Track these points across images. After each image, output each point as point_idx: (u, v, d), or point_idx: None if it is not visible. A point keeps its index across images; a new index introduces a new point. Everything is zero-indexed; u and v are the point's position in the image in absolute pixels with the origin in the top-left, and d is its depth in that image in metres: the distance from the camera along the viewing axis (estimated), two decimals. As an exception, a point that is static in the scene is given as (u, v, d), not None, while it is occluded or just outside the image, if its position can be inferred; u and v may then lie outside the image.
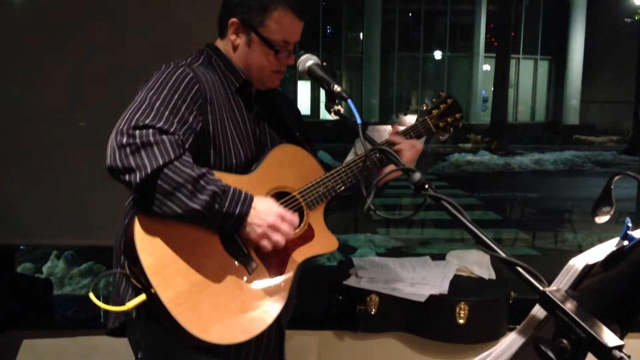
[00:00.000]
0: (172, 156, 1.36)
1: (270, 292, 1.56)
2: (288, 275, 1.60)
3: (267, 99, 1.77)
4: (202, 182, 1.38)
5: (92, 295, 1.42)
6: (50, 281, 2.95)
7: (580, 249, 6.99)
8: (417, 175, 1.18)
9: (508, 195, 11.34)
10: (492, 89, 20.56)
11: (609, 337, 0.85)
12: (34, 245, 5.18)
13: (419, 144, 1.81)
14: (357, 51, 26.03)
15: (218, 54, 1.66)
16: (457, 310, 2.27)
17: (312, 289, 2.53)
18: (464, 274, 2.52)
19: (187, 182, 1.37)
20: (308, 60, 1.60)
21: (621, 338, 1.11)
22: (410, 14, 26.64)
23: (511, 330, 2.37)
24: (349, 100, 1.44)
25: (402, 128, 1.86)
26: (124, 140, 1.35)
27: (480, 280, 2.47)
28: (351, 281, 2.43)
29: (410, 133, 1.86)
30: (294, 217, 1.52)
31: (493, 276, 2.50)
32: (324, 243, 1.68)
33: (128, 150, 1.35)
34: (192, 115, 1.47)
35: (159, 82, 1.48)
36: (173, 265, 1.43)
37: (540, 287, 0.93)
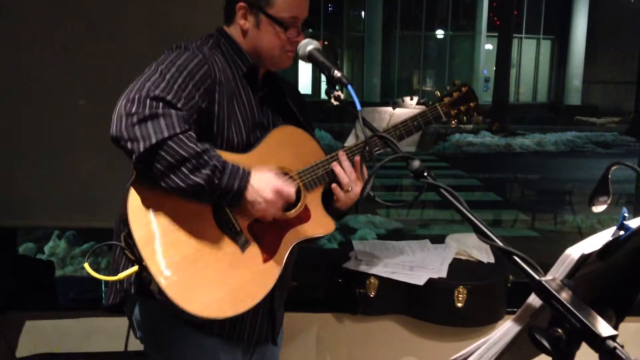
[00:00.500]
0: (178, 130, 1.38)
1: (261, 271, 1.56)
2: (280, 255, 1.60)
3: (273, 84, 1.78)
4: (205, 157, 1.40)
5: (87, 265, 1.44)
6: (52, 262, 2.97)
7: (579, 231, 7.04)
8: (417, 163, 1.18)
9: (509, 176, 11.34)
10: (494, 68, 20.45)
11: (603, 327, 0.86)
12: (35, 227, 5.20)
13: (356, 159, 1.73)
14: (358, 30, 25.85)
15: (227, 39, 1.67)
16: (456, 293, 2.29)
17: (311, 271, 2.55)
18: (463, 257, 2.54)
19: (191, 156, 1.38)
20: (308, 45, 1.59)
21: (617, 324, 1.13)
22: (412, -7, 26.40)
23: (509, 314, 2.40)
24: (349, 86, 1.44)
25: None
26: (133, 108, 1.36)
27: (479, 264, 2.49)
28: (351, 264, 2.44)
29: (418, 120, 1.83)
30: (290, 190, 1.52)
31: (492, 260, 2.51)
32: (320, 225, 1.68)
33: (135, 118, 1.36)
34: (199, 94, 1.49)
35: (170, 58, 1.50)
36: (164, 238, 1.45)
37: (537, 277, 0.94)
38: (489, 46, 25.11)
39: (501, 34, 20.16)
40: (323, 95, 1.65)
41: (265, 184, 1.49)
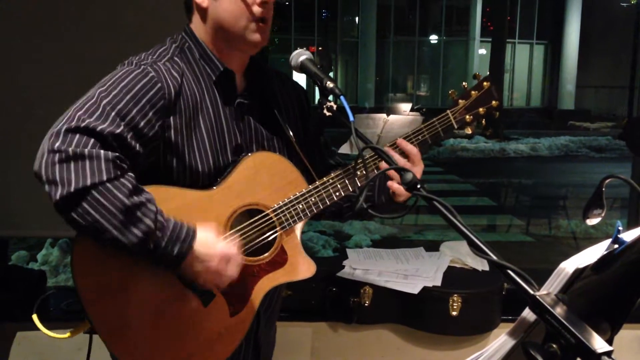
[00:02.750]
0: (105, 177, 1.19)
1: (227, 327, 1.39)
2: (251, 306, 1.42)
3: (260, 87, 1.55)
4: (138, 213, 1.21)
5: (35, 317, 1.37)
6: (44, 272, 2.95)
7: (574, 236, 7.04)
8: (410, 175, 1.17)
9: (503, 181, 11.36)
10: (488, 73, 20.50)
11: (598, 343, 0.85)
12: (27, 237, 5.17)
13: (418, 153, 1.53)
14: (352, 35, 25.91)
15: (193, 40, 1.46)
16: (450, 302, 2.29)
17: (306, 280, 2.53)
18: (457, 265, 2.53)
19: (119, 210, 1.19)
20: (301, 56, 1.48)
21: (612, 337, 1.12)
22: (405, -2, 26.50)
23: (504, 322, 2.40)
24: (342, 97, 1.41)
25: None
26: (56, 144, 1.19)
27: (473, 272, 2.49)
28: (345, 273, 2.44)
29: (424, 132, 1.57)
30: (238, 258, 1.34)
31: (486, 268, 2.51)
32: (297, 269, 1.48)
33: (57, 157, 1.18)
34: (145, 120, 1.29)
35: (112, 79, 1.32)
36: (113, 294, 1.29)
37: (531, 291, 0.93)
38: (482, 51, 25.22)
39: (495, 39, 20.24)
40: (317, 99, 1.53)
41: (210, 248, 1.29)
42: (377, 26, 25.23)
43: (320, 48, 25.03)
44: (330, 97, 1.44)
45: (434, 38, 26.74)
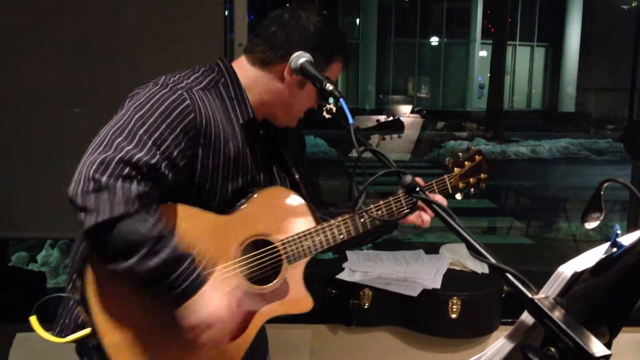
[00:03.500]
0: (132, 209, 1.24)
1: (223, 352, 1.44)
2: (248, 333, 1.48)
3: (271, 132, 1.62)
4: (157, 246, 1.26)
5: (32, 319, 1.41)
6: (43, 274, 2.95)
7: (574, 238, 7.04)
8: (409, 178, 1.17)
9: (503, 183, 11.36)
10: (489, 75, 20.54)
11: (597, 347, 0.85)
12: (27, 238, 5.17)
13: (444, 201, 1.65)
14: (353, 37, 25.91)
15: (232, 79, 1.49)
16: (450, 305, 2.29)
17: (305, 282, 2.53)
18: (457, 268, 2.53)
19: (144, 241, 1.25)
20: (300, 58, 1.46)
21: (610, 340, 1.12)
22: (406, 0, 26.52)
23: (504, 324, 2.40)
24: (342, 100, 1.41)
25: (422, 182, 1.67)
26: (93, 173, 1.23)
27: (473, 274, 2.49)
28: (345, 275, 2.44)
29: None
30: (220, 332, 1.37)
31: (486, 270, 2.51)
32: (295, 303, 1.54)
33: (92, 186, 1.22)
34: (179, 149, 1.34)
35: (149, 104, 1.35)
36: (122, 309, 1.35)
37: (529, 295, 0.93)
38: (483, 53, 25.23)
39: (495, 41, 20.27)
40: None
41: (212, 302, 1.33)
42: (377, 28, 25.24)
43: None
44: (330, 100, 1.45)
45: (434, 40, 26.76)
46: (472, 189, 1.78)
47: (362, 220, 1.59)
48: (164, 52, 2.57)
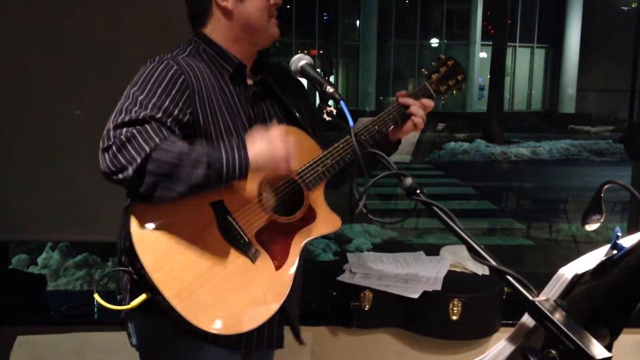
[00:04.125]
0: (157, 140, 1.36)
1: (275, 279, 1.54)
2: (292, 259, 1.58)
3: (267, 79, 1.72)
4: (194, 152, 1.37)
5: (97, 296, 1.44)
6: (43, 276, 2.95)
7: (574, 239, 7.04)
8: (409, 180, 1.17)
9: (504, 185, 11.37)
10: (489, 77, 20.53)
11: (597, 350, 0.85)
12: (28, 241, 5.17)
13: (429, 102, 1.80)
14: (353, 39, 25.93)
15: (207, 42, 1.63)
16: (451, 306, 2.28)
17: (306, 284, 2.53)
18: (457, 269, 2.53)
19: (180, 155, 1.35)
20: (301, 60, 1.56)
21: (611, 342, 1.12)
22: (406, 1, 26.52)
23: (504, 326, 2.40)
24: (342, 102, 1.43)
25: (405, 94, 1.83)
26: (108, 142, 1.36)
27: (474, 276, 2.48)
28: (345, 277, 2.43)
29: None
30: (281, 136, 1.47)
31: (487, 272, 2.50)
32: (326, 223, 1.66)
33: (115, 148, 1.35)
34: (178, 108, 1.46)
35: (142, 78, 1.48)
36: (173, 261, 1.42)
37: (530, 297, 0.93)
38: (483, 55, 25.22)
39: (495, 42, 20.24)
40: (317, 102, 1.61)
41: (262, 141, 1.44)
42: (378, 29, 25.24)
43: (321, 51, 25.07)
44: (330, 102, 1.47)
45: (434, 41, 26.76)
46: (454, 91, 1.93)
47: (363, 137, 1.69)
48: (164, 50, 2.56)
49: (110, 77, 2.52)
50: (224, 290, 1.47)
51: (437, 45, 26.71)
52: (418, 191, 1.17)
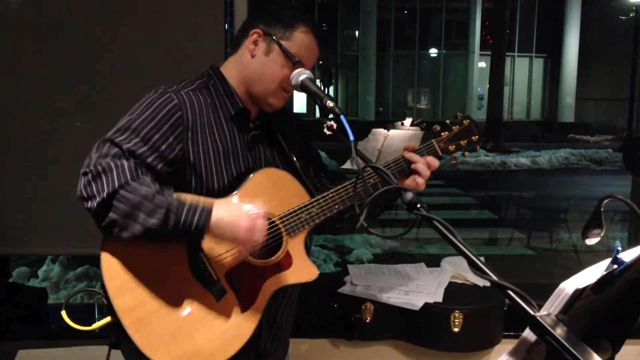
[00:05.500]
0: (128, 177, 1.38)
1: (237, 322, 1.52)
2: (259, 303, 1.55)
3: (269, 122, 1.72)
4: (158, 199, 1.39)
5: (64, 314, 1.51)
6: (44, 290, 2.95)
7: (575, 249, 7.03)
8: (409, 195, 1.18)
9: (504, 194, 11.37)
10: (488, 86, 20.60)
11: (599, 364, 0.85)
12: (28, 254, 5.17)
13: (434, 161, 1.72)
14: (352, 49, 26.05)
15: (219, 78, 1.64)
16: (452, 318, 2.28)
17: (306, 296, 2.53)
18: (458, 281, 2.53)
19: (143, 199, 1.37)
20: (301, 75, 1.56)
21: (613, 355, 1.12)
22: (405, 12, 26.66)
23: (506, 338, 2.39)
24: (342, 117, 1.43)
25: (415, 146, 1.75)
26: (87, 168, 1.40)
27: (475, 287, 2.48)
28: (346, 289, 2.43)
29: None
30: (260, 221, 1.45)
31: (488, 283, 2.50)
32: (301, 272, 1.62)
33: (90, 176, 1.39)
34: (166, 144, 1.48)
35: (140, 107, 1.51)
36: (137, 290, 1.44)
37: (531, 312, 0.93)
38: (482, 64, 25.32)
39: (494, 52, 20.33)
40: (318, 114, 1.62)
41: (231, 214, 1.44)
42: (377, 40, 25.37)
43: (320, 62, 25.14)
44: (331, 116, 1.47)
45: (433, 51, 26.87)
46: (465, 151, 1.81)
47: (354, 193, 1.62)
48: (163, 64, 2.58)
49: (111, 90, 2.55)
50: (184, 325, 1.47)
51: (435, 55, 26.82)
52: (418, 205, 1.17)
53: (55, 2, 2.60)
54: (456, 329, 2.28)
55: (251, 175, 1.59)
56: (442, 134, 1.78)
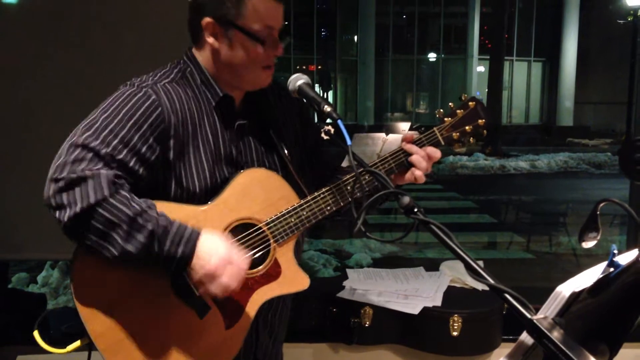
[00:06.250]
0: (107, 192, 1.25)
1: (222, 339, 1.43)
2: (246, 318, 1.45)
3: (260, 107, 1.58)
4: (139, 221, 1.26)
5: (36, 334, 1.44)
6: (43, 295, 2.95)
7: (574, 252, 7.03)
8: (407, 199, 1.18)
9: (503, 198, 11.37)
10: (487, 90, 20.64)
11: (595, 367, 0.85)
12: (27, 260, 5.17)
13: (436, 153, 1.59)
14: (351, 54, 26.10)
15: (195, 65, 1.50)
16: (451, 322, 2.28)
17: (305, 301, 2.53)
18: (457, 285, 2.53)
19: (122, 221, 1.25)
20: (298, 80, 1.52)
21: (610, 358, 1.12)
22: (404, 17, 26.73)
23: (505, 342, 2.39)
24: (339, 121, 1.42)
25: (415, 135, 1.61)
26: (59, 174, 1.26)
27: (473, 291, 2.48)
28: (345, 293, 2.43)
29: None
30: (242, 262, 1.35)
31: (486, 287, 2.50)
32: (291, 282, 1.50)
33: (61, 183, 1.25)
34: (146, 145, 1.35)
35: (116, 104, 1.37)
36: (111, 310, 1.33)
37: (528, 315, 0.94)
38: (480, 69, 25.36)
39: (493, 56, 20.39)
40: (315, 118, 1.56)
41: (214, 251, 1.31)
42: (376, 45, 25.42)
43: (319, 67, 25.19)
44: (328, 120, 1.46)
45: (432, 56, 26.92)
46: (470, 138, 1.64)
47: (348, 188, 1.52)
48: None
49: (111, 93, 2.55)
50: (164, 346, 1.38)
51: (434, 59, 26.87)
52: (416, 209, 1.17)
53: (54, 8, 2.61)
54: (455, 333, 2.28)
55: (235, 177, 1.46)
56: (445, 119, 1.62)
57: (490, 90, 20.02)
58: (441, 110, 1.65)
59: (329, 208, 1.52)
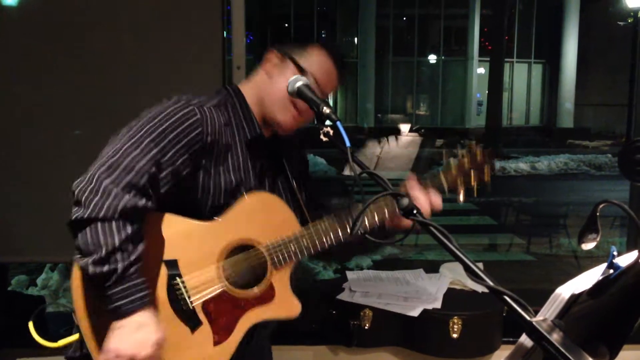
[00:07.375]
0: (115, 216, 1.30)
1: (209, 355, 1.45)
2: (234, 338, 1.48)
3: (276, 145, 1.67)
4: (117, 255, 1.31)
5: (30, 325, 1.48)
6: (42, 298, 2.95)
7: (575, 254, 7.02)
8: (406, 201, 1.18)
9: (504, 200, 11.36)
10: (487, 92, 20.66)
11: (595, 370, 0.85)
12: (27, 263, 5.17)
13: (437, 201, 1.66)
14: (351, 56, 26.10)
15: (239, 99, 1.59)
16: (451, 324, 2.28)
17: (305, 303, 2.53)
18: (457, 287, 2.52)
19: (105, 246, 1.30)
20: (297, 81, 1.52)
21: (611, 359, 1.12)
22: (404, 19, 26.73)
23: (505, 344, 2.39)
24: (338, 123, 1.42)
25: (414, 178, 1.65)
26: (100, 175, 1.33)
27: (473, 293, 2.48)
28: (345, 296, 2.43)
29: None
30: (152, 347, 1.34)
31: (486, 289, 2.50)
32: (282, 307, 1.54)
33: (91, 187, 1.31)
34: (182, 159, 1.42)
35: (161, 115, 1.43)
36: (104, 316, 1.35)
37: (527, 318, 0.93)
38: (481, 70, 25.37)
39: (493, 58, 20.40)
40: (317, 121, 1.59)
41: (142, 333, 1.33)
42: (376, 47, 25.43)
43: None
44: (327, 122, 1.46)
45: (432, 58, 26.93)
46: (474, 184, 1.72)
47: (346, 225, 1.57)
48: (163, 75, 2.59)
49: (110, 97, 2.55)
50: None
51: (434, 61, 26.88)
52: (415, 211, 1.17)
53: (54, 13, 2.61)
54: (455, 335, 2.28)
55: (240, 198, 1.52)
56: (452, 163, 1.69)
57: (491, 92, 20.04)
58: (447, 153, 1.72)
59: (328, 239, 1.57)
